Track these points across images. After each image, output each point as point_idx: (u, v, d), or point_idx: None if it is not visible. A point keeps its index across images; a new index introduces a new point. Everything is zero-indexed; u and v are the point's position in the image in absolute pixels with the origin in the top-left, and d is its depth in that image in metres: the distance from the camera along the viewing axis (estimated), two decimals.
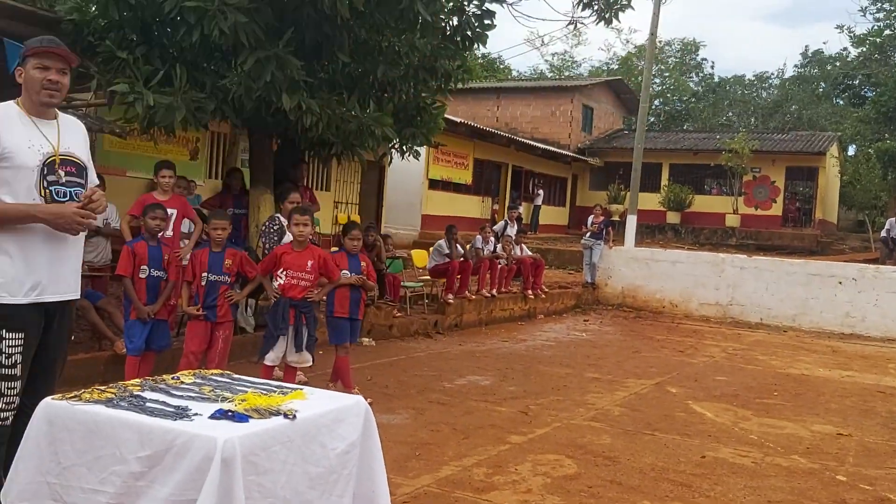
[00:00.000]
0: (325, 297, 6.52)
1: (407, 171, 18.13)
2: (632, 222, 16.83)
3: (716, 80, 49.89)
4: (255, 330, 8.06)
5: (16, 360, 3.19)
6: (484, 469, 4.94)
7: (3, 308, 3.15)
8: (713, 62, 72.34)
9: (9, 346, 3.16)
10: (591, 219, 15.56)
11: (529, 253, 13.80)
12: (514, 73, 47.69)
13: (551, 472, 4.96)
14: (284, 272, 6.02)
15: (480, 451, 5.33)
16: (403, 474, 4.67)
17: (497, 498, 4.44)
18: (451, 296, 11.13)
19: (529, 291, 13.03)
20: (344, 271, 6.55)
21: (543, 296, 13.48)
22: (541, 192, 27.50)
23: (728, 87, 49.58)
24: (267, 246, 7.10)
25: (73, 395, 2.78)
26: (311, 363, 6.27)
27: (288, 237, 6.74)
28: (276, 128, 8.59)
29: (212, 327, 5.98)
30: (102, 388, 2.90)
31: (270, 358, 5.97)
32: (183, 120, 7.41)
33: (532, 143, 26.90)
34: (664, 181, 30.03)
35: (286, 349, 6.03)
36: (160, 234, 6.14)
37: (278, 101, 7.42)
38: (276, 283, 6.05)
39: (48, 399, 2.75)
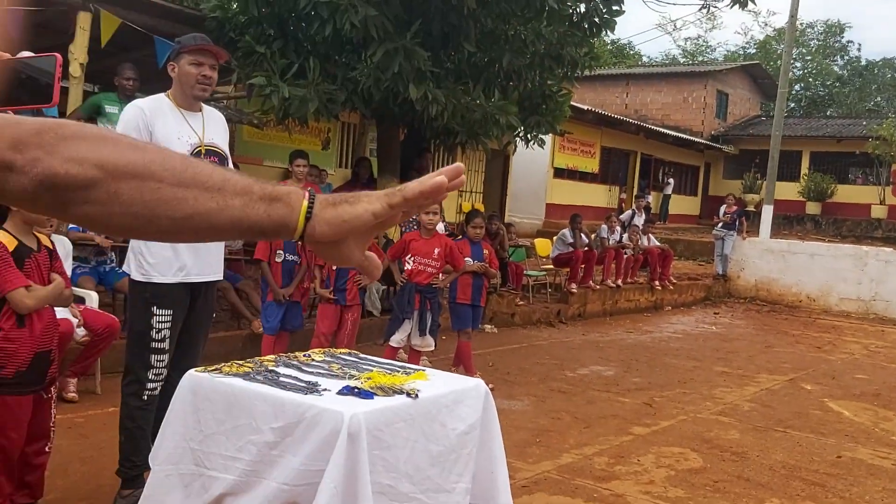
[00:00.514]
0: (448, 285, 6.63)
1: (532, 159, 18.05)
2: (768, 212, 16.11)
3: (863, 63, 46.79)
4: (381, 314, 8.30)
5: (164, 335, 3.45)
6: (605, 458, 4.91)
7: (154, 287, 3.42)
8: (860, 44, 67.87)
9: (159, 322, 3.43)
10: (723, 209, 15.02)
11: (657, 243, 13.48)
12: (645, 59, 46.43)
13: (675, 465, 4.87)
14: (412, 258, 6.17)
15: (602, 440, 5.29)
16: (523, 459, 4.71)
17: (619, 487, 4.41)
18: (574, 285, 11.04)
19: (657, 282, 12.74)
20: (467, 259, 6.64)
21: (671, 287, 13.15)
22: (671, 180, 26.71)
23: (876, 71, 46.39)
24: (404, 231, 7.28)
25: (214, 368, 2.98)
26: (433, 348, 6.39)
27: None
28: (402, 117, 8.77)
29: (341, 310, 6.20)
30: (241, 362, 3.10)
31: (396, 340, 6.13)
32: (315, 111, 7.71)
33: (662, 130, 26.15)
34: (804, 170, 28.51)
35: (411, 333, 6.18)
36: None
37: (405, 92, 7.58)
38: (404, 269, 6.20)
39: (192, 371, 2.96)
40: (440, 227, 7.03)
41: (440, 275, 6.30)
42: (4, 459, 3.16)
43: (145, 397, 3.46)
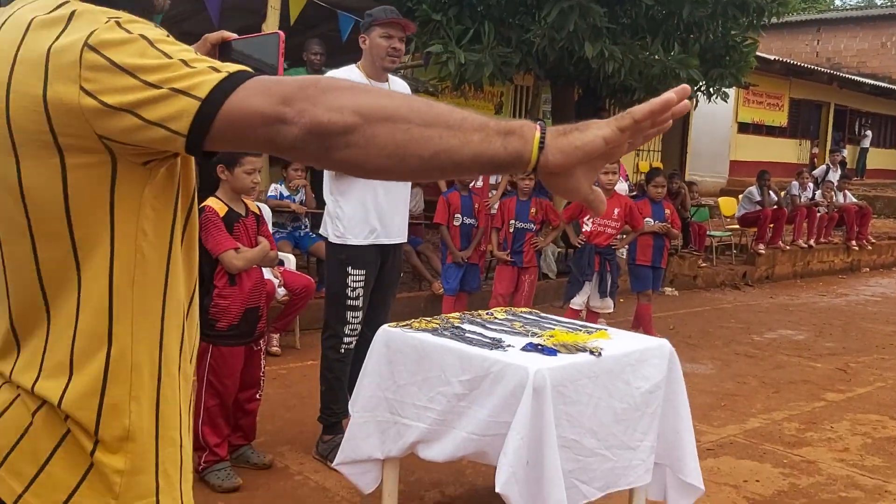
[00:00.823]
0: (627, 245, 6.54)
1: (713, 115, 17.21)
2: None
3: None
4: (556, 276, 8.32)
5: (358, 293, 3.69)
6: (795, 424, 4.70)
7: (349, 248, 3.65)
8: None
9: (353, 281, 3.67)
10: None
11: (854, 200, 12.50)
12: (838, 3, 42.74)
13: (872, 433, 4.59)
14: (591, 219, 6.13)
15: (792, 406, 5.07)
16: (708, 423, 4.62)
17: (810, 454, 4.22)
18: (762, 246, 10.51)
19: (853, 242, 11.86)
20: (647, 219, 6.51)
21: (870, 247, 12.20)
22: (869, 133, 24.57)
23: None
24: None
25: (405, 323, 3.15)
26: (612, 309, 6.35)
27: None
28: (578, 77, 8.65)
29: (518, 272, 6.29)
30: (428, 319, 3.26)
31: (577, 303, 6.14)
32: (491, 75, 7.76)
33: (858, 78, 24.04)
34: None
35: (590, 295, 6.16)
36: (471, 185, 6.56)
37: (581, 50, 7.47)
38: (583, 230, 6.18)
39: (385, 326, 3.14)
40: (624, 187, 6.93)
41: (619, 235, 6.22)
42: (221, 404, 3.52)
43: (342, 350, 3.72)
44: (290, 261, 5.98)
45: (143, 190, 1.05)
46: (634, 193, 7.98)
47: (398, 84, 3.86)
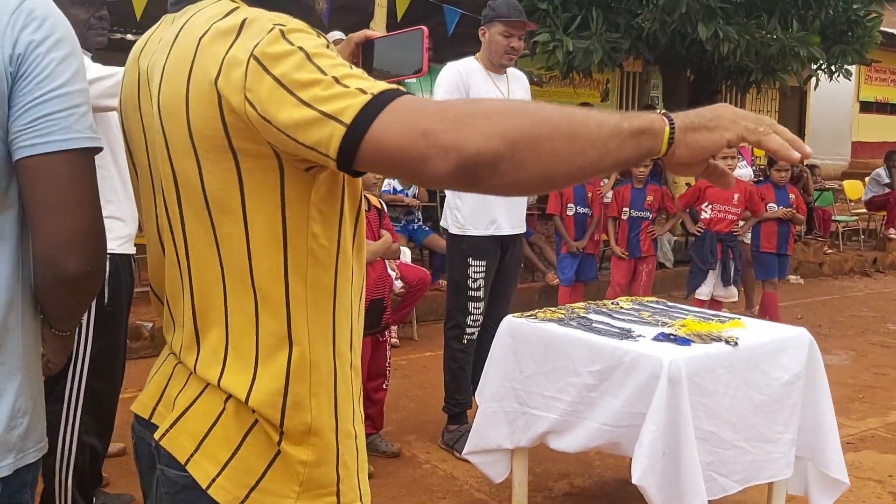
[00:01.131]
0: (748, 231, 6.29)
1: (832, 94, 16.34)
2: None
3: None
4: (673, 265, 8.10)
5: (479, 284, 3.70)
6: None
7: (469, 239, 3.67)
8: None
9: (474, 272, 3.68)
10: None
11: None
12: None
13: None
14: (710, 206, 5.93)
15: None
16: (846, 415, 4.39)
17: None
18: (892, 230, 9.94)
19: None
20: (771, 204, 6.25)
21: None
22: None
23: None
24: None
25: (529, 314, 3.13)
26: (736, 298, 6.12)
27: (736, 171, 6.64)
28: (690, 60, 8.40)
29: (635, 262, 6.16)
30: (553, 309, 3.22)
31: (703, 293, 5.94)
32: (599, 62, 7.64)
33: None
34: None
35: (714, 284, 5.96)
36: None
37: (694, 32, 7.25)
38: (701, 218, 5.99)
39: (510, 317, 3.13)
40: (748, 173, 6.68)
41: (740, 221, 6.00)
42: None
43: (465, 341, 3.75)
44: (406, 254, 6.05)
45: (310, 193, 1.08)
46: (759, 178, 7.67)
47: (517, 76, 3.86)
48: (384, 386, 3.77)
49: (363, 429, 1.25)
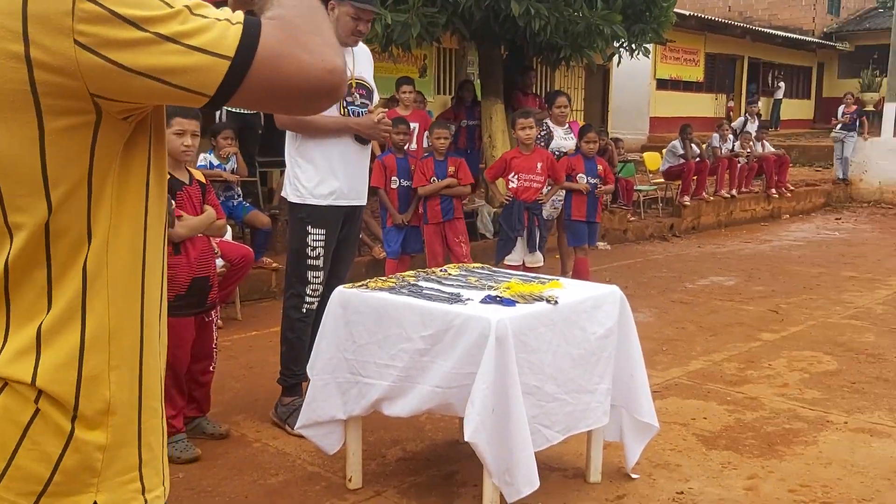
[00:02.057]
0: (550, 199, 6.56)
1: (632, 72, 17.49)
2: (890, 110, 15.11)
3: None
4: (493, 236, 8.37)
5: (319, 253, 3.68)
6: (735, 364, 4.89)
7: (309, 208, 3.63)
8: None
9: (313, 240, 3.66)
10: (841, 109, 14.23)
11: (772, 149, 12.93)
12: None
13: (809, 368, 4.81)
14: (516, 175, 6.14)
15: (730, 347, 5.27)
16: (652, 367, 4.73)
17: (752, 391, 4.40)
18: (687, 198, 10.80)
19: (773, 190, 12.29)
20: (580, 175, 6.60)
21: (789, 195, 12.66)
22: (781, 84, 25.42)
23: None
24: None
25: (360, 284, 3.13)
26: (542, 263, 6.37)
27: (555, 142, 6.89)
28: (504, 36, 8.64)
29: (445, 228, 6.26)
30: (384, 278, 3.25)
31: (514, 259, 6.19)
32: (418, 35, 7.69)
33: (770, 31, 24.77)
34: None
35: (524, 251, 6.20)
36: (406, 147, 6.52)
37: (507, 9, 7.45)
38: (509, 187, 6.19)
39: (340, 287, 3.12)
40: (572, 145, 6.96)
41: (544, 189, 6.27)
42: (174, 376, 3.44)
43: (304, 310, 3.71)
44: (227, 231, 5.85)
45: (120, 147, 0.99)
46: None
47: (363, 51, 3.90)
48: (211, 368, 3.65)
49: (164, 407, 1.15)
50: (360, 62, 3.78)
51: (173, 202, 3.42)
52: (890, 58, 15.77)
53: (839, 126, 14.20)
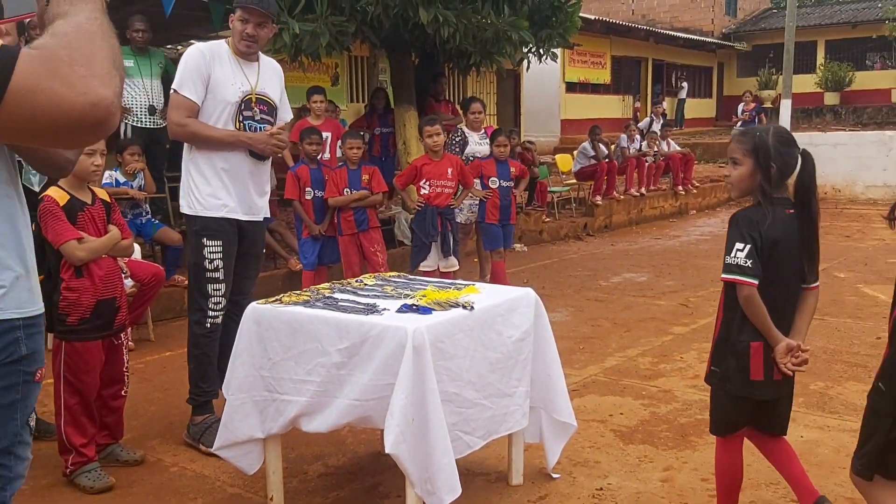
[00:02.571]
0: (461, 204, 6.61)
1: (542, 76, 17.82)
2: (786, 107, 15.87)
3: None
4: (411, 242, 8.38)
5: (217, 265, 3.62)
6: (649, 358, 5.03)
7: (203, 220, 3.58)
8: None
9: (210, 252, 3.61)
10: (741, 107, 14.86)
11: (678, 148, 13.36)
12: None
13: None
14: (427, 182, 6.17)
15: (644, 342, 5.42)
16: (570, 366, 4.84)
17: (666, 384, 4.54)
18: (599, 197, 11.07)
19: (680, 187, 12.72)
20: (492, 178, 6.67)
21: (695, 191, 13.13)
22: (685, 84, 26.29)
23: None
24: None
25: (274, 299, 3.09)
26: (457, 267, 6.42)
27: (470, 148, 6.93)
28: (414, 44, 8.67)
29: (360, 238, 6.22)
30: (298, 292, 3.21)
31: (429, 265, 6.20)
32: (327, 45, 7.63)
33: (672, 33, 25.62)
34: (820, 60, 27.91)
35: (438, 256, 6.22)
36: (319, 157, 6.47)
37: (415, 16, 7.49)
38: (421, 193, 6.21)
39: (254, 304, 3.07)
40: (487, 150, 7.01)
41: (454, 195, 6.33)
42: (83, 402, 3.32)
43: (208, 325, 3.65)
44: (135, 250, 5.68)
45: None
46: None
47: (270, 65, 3.82)
48: (123, 393, 3.53)
49: None
50: (265, 77, 3.72)
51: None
52: (784, 56, 16.54)
53: (739, 123, 14.81)
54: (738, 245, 2.67)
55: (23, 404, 1.38)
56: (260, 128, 3.66)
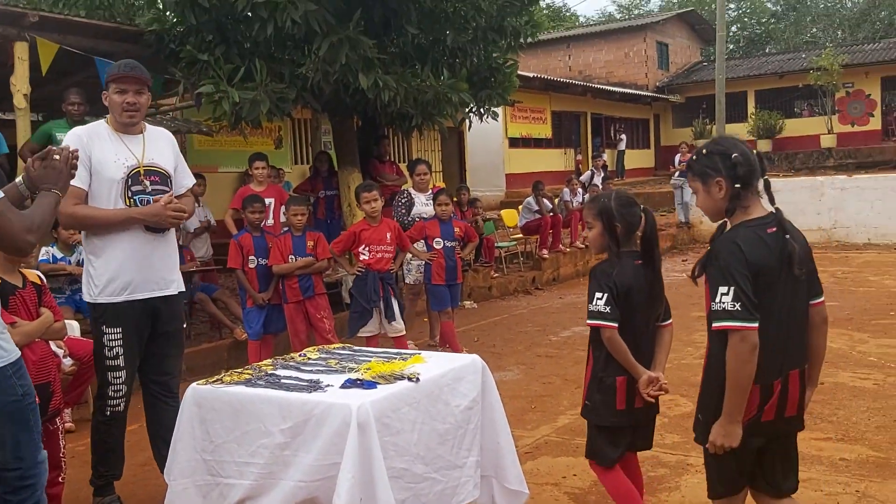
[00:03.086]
0: (398, 268, 6.61)
1: (486, 132, 18.11)
2: None
3: None
4: None
5: (117, 353, 3.56)
6: None
7: (102, 307, 3.53)
8: None
9: (109, 340, 3.55)
10: (678, 157, 15.25)
11: None
12: (582, 20, 46.67)
13: (667, 412, 5.00)
14: (367, 248, 6.17)
15: None
16: (522, 427, 4.82)
17: None
18: (545, 251, 11.19)
19: None
20: (437, 239, 6.70)
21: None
22: (623, 136, 27.00)
23: (809, 2, 47.09)
24: (397, 219, 7.23)
25: (215, 379, 3.03)
26: (403, 332, 6.37)
27: (416, 209, 6.95)
28: (356, 107, 8.76)
29: (305, 306, 6.14)
30: (239, 370, 3.15)
31: (371, 330, 6.14)
32: (268, 112, 7.66)
33: (608, 88, 26.39)
34: (751, 109, 28.97)
35: (381, 321, 6.17)
36: (262, 224, 6.42)
37: (355, 82, 7.57)
38: (361, 259, 6.19)
39: (195, 385, 3.00)
40: (430, 210, 7.05)
41: (394, 259, 6.33)
42: None
43: (108, 413, 3.64)
44: (74, 327, 5.52)
45: None
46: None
47: (157, 134, 3.75)
48: (60, 479, 3.41)
49: None
50: (152, 147, 3.65)
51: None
52: (716, 107, 17.11)
53: (677, 173, 15.18)
54: (598, 294, 2.99)
55: None
56: (151, 200, 3.58)
